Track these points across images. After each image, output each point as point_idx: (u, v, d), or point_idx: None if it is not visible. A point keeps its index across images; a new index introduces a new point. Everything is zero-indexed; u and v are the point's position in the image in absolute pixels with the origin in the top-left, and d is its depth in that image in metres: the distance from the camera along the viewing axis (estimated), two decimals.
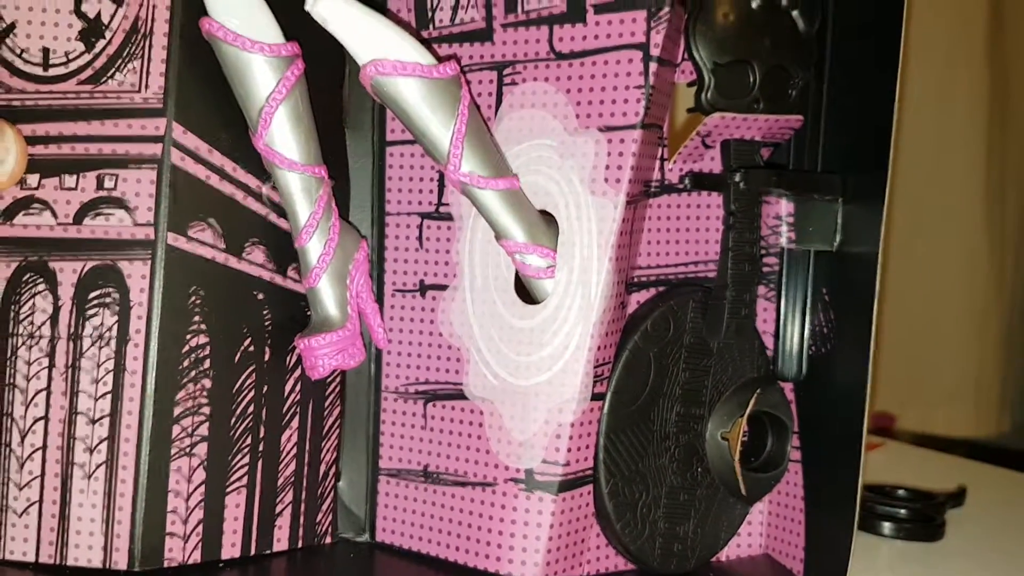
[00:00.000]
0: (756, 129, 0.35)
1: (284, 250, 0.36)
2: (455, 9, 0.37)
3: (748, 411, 0.36)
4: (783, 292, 0.38)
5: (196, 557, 0.33)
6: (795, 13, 0.35)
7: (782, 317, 0.38)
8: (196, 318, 0.33)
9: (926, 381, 0.87)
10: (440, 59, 0.33)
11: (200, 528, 0.33)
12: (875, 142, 0.35)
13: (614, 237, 0.34)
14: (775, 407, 0.37)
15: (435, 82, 0.32)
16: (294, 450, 0.36)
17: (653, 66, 0.33)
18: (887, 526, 0.44)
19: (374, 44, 0.31)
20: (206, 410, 0.33)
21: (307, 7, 0.31)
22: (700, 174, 0.36)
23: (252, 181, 0.35)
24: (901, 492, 0.47)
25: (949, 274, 0.86)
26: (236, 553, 0.34)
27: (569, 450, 0.34)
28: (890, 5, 0.34)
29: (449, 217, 0.37)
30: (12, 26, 0.32)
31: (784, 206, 0.37)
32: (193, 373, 0.33)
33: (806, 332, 0.38)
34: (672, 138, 0.36)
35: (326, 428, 0.38)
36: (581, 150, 0.34)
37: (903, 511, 0.45)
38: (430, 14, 0.37)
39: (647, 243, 0.36)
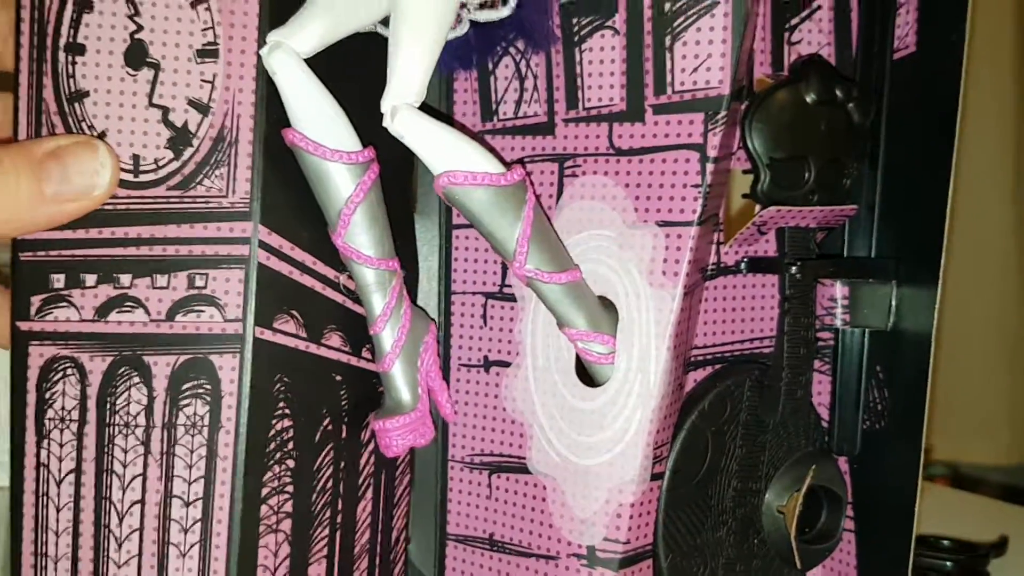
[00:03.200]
0: (811, 218, 0.36)
1: (358, 333, 0.38)
2: (518, 103, 0.38)
3: (805, 486, 0.37)
4: (838, 369, 0.39)
5: None
6: (850, 106, 0.36)
7: (837, 393, 0.39)
8: (281, 403, 0.35)
9: (959, 411, 0.88)
10: (507, 164, 0.35)
11: None
12: (929, 228, 0.36)
13: (672, 327, 0.35)
14: (830, 481, 0.39)
15: (503, 188, 0.34)
16: (368, 519, 0.38)
17: (710, 166, 0.34)
18: None
19: (447, 155, 0.33)
20: (290, 488, 0.36)
21: (385, 123, 0.33)
22: (756, 258, 0.38)
23: (330, 272, 0.37)
24: (946, 543, 0.48)
25: (981, 302, 0.86)
26: None
27: (629, 528, 0.36)
28: (945, 88, 0.35)
29: (512, 298, 0.39)
30: (103, 135, 0.34)
31: (839, 289, 0.38)
32: (279, 455, 0.35)
33: (860, 408, 0.39)
34: (728, 222, 0.37)
35: (397, 496, 0.40)
36: (640, 243, 0.35)
37: (948, 563, 0.46)
38: (494, 107, 0.39)
39: (703, 323, 0.37)
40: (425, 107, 0.34)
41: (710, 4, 0.33)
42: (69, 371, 0.35)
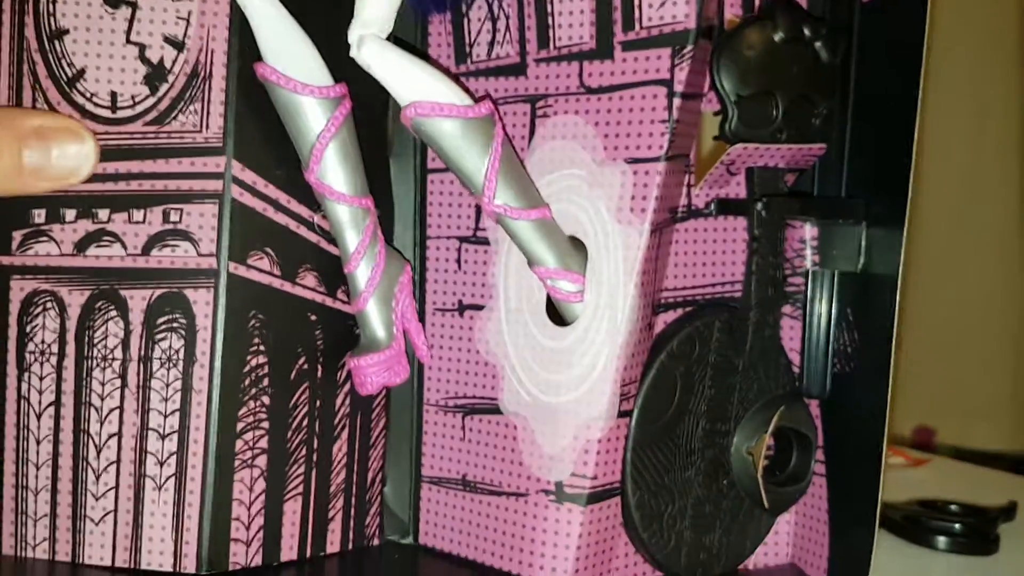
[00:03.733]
0: (780, 157, 0.37)
1: (333, 274, 0.38)
2: (491, 45, 0.39)
3: (772, 427, 0.38)
4: (808, 312, 0.39)
5: (257, 560, 0.36)
6: (818, 44, 0.36)
7: (807, 336, 0.39)
8: (256, 340, 0.36)
9: (963, 394, 0.88)
10: (475, 98, 0.35)
11: (261, 534, 0.36)
12: (896, 168, 0.36)
13: (639, 264, 0.35)
14: (800, 423, 0.39)
15: (470, 121, 0.34)
16: (344, 459, 0.39)
17: (677, 101, 0.35)
18: (942, 540, 0.45)
19: (413, 87, 0.34)
20: (265, 425, 0.36)
21: (352, 54, 0.34)
22: (726, 200, 0.38)
23: (304, 211, 0.37)
24: (954, 507, 0.48)
25: (985, 285, 0.86)
26: (293, 556, 0.37)
27: (596, 464, 0.36)
28: (911, 34, 0.35)
29: (486, 241, 0.39)
30: (82, 72, 0.35)
31: (808, 230, 0.39)
32: (253, 391, 0.36)
33: (831, 351, 0.39)
34: (699, 164, 0.38)
35: (373, 439, 0.40)
36: (608, 180, 0.36)
37: (957, 526, 0.46)
38: (467, 49, 0.39)
39: (674, 265, 0.38)
40: (398, 42, 0.35)
41: None
42: (49, 305, 0.36)
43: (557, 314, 0.38)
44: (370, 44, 0.33)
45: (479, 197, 0.35)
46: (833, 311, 0.39)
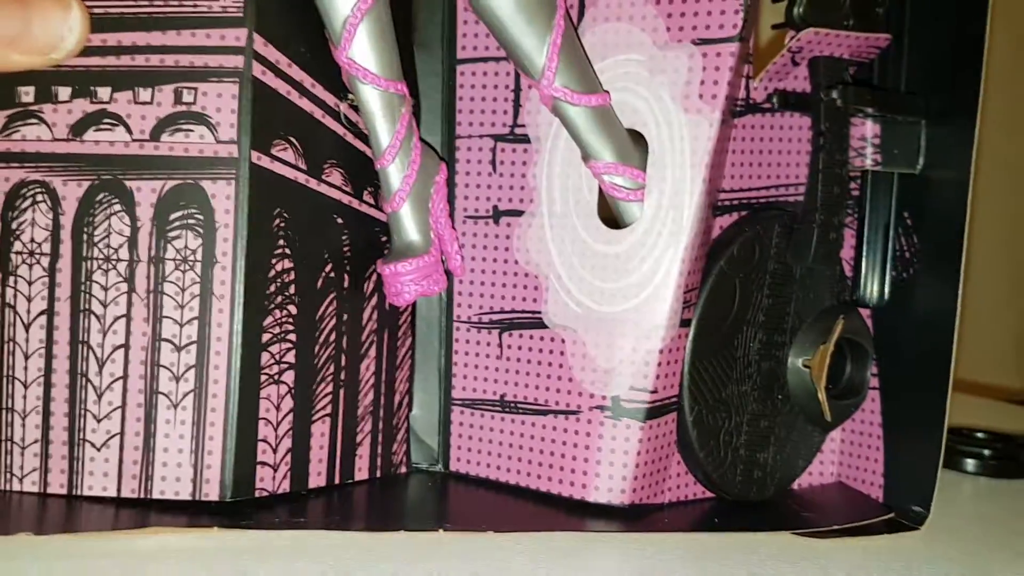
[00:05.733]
0: (846, 47, 0.34)
1: (360, 173, 0.34)
2: None
3: (835, 338, 0.36)
4: (865, 216, 0.37)
5: (285, 487, 0.32)
6: None
7: (864, 242, 0.37)
8: (281, 242, 0.32)
9: (968, 339, 0.88)
10: None
11: (289, 457, 0.32)
12: (963, 60, 0.34)
13: (708, 156, 0.33)
14: (857, 333, 0.37)
15: None
16: (372, 379, 0.35)
17: None
18: (970, 463, 0.45)
19: None
20: (292, 337, 0.32)
21: None
22: (787, 92, 0.35)
23: (330, 99, 0.33)
24: (980, 434, 0.47)
25: (991, 235, 0.86)
26: (322, 482, 0.34)
27: (657, 377, 0.33)
28: None
29: (525, 139, 0.36)
30: None
31: (870, 127, 0.37)
32: (279, 299, 0.32)
33: (888, 256, 0.37)
34: (758, 55, 0.35)
35: (399, 358, 0.37)
36: (673, 65, 0.33)
37: (986, 451, 0.45)
38: None
39: (731, 165, 0.35)
40: None
41: None
42: (39, 197, 0.31)
43: (609, 218, 0.35)
44: None
45: (536, 80, 0.32)
46: (892, 216, 0.37)
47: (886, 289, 0.37)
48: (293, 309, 0.32)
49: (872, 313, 0.38)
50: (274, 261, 0.32)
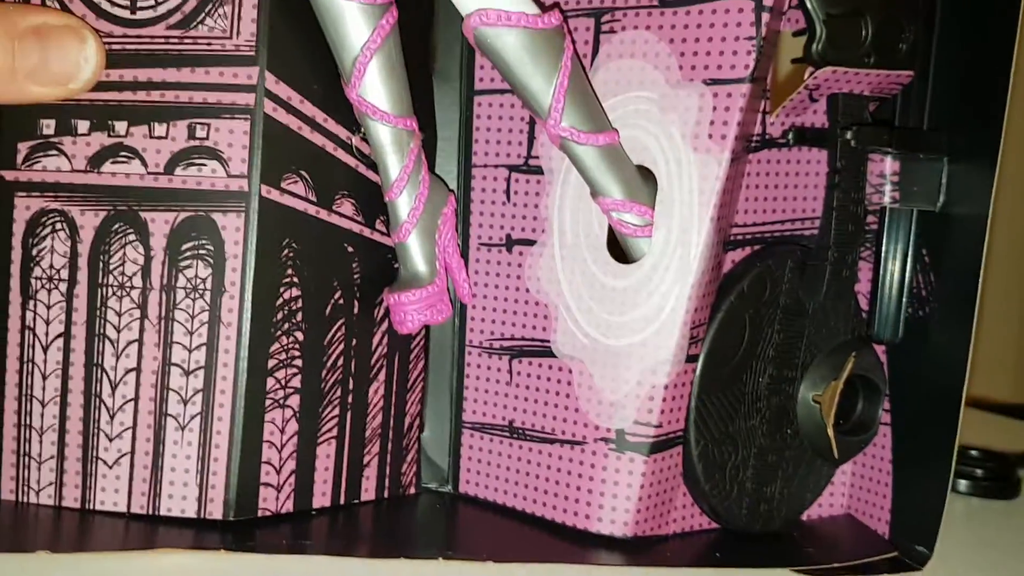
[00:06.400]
0: (866, 84, 0.34)
1: (372, 203, 0.35)
2: None
3: (845, 375, 0.35)
4: (882, 252, 0.37)
5: (288, 507, 0.33)
6: None
7: (880, 278, 0.37)
8: (289, 271, 0.33)
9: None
10: (543, 7, 0.31)
11: (292, 478, 0.33)
12: (987, 98, 0.33)
13: (716, 196, 0.32)
14: (869, 370, 0.36)
15: (539, 32, 0.31)
16: (381, 402, 0.36)
17: (765, 16, 0.31)
18: (963, 484, 0.44)
19: None
20: (299, 363, 0.33)
21: None
22: (804, 128, 0.35)
23: (342, 132, 0.34)
24: (974, 452, 0.47)
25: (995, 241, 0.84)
26: (326, 502, 0.34)
27: (662, 412, 0.33)
28: None
29: (538, 171, 0.36)
30: None
31: (889, 164, 0.36)
32: (286, 326, 0.33)
33: (904, 293, 0.36)
34: (776, 90, 0.35)
35: (411, 381, 0.37)
36: (684, 104, 0.33)
37: (979, 470, 0.45)
38: None
39: (744, 200, 0.35)
40: None
41: None
42: (58, 226, 0.32)
43: (618, 251, 0.35)
44: None
45: (544, 119, 0.32)
46: (909, 252, 0.36)
47: (900, 326, 0.37)
48: (300, 336, 0.33)
49: (886, 349, 0.37)
50: (282, 290, 0.33)
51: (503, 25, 0.30)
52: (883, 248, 0.37)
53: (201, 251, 0.32)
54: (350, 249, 0.35)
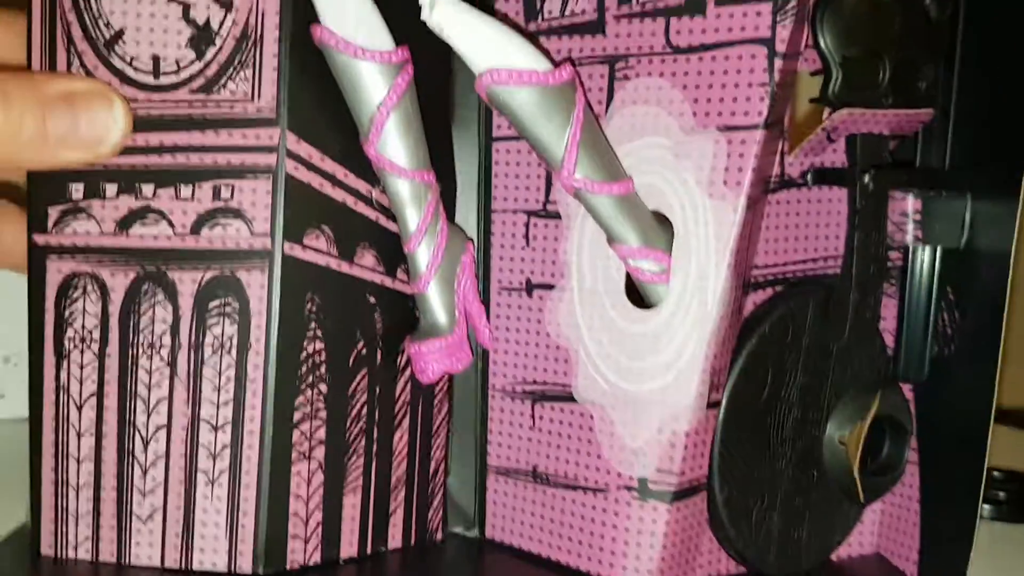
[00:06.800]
0: (884, 124, 0.34)
1: (393, 252, 0.35)
2: (565, 0, 0.35)
3: (871, 416, 0.35)
4: (906, 290, 0.36)
5: (316, 558, 0.34)
6: (927, 1, 0.33)
7: (905, 316, 0.36)
8: (312, 324, 0.33)
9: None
10: (555, 62, 0.32)
11: (320, 530, 0.34)
12: (1009, 134, 0.33)
13: (733, 242, 0.32)
14: (895, 410, 0.36)
15: (550, 88, 0.31)
16: (405, 449, 0.36)
17: (779, 62, 0.31)
18: (986, 508, 0.43)
19: (489, 52, 0.30)
20: (323, 414, 0.34)
21: (423, 16, 0.30)
22: (823, 169, 0.35)
23: (363, 186, 0.34)
24: (996, 474, 0.46)
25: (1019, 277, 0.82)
26: (354, 552, 0.35)
27: (684, 459, 0.33)
28: None
29: (556, 216, 0.36)
30: (121, 33, 0.32)
31: (911, 203, 0.36)
32: (311, 379, 0.33)
33: (929, 331, 0.36)
34: (793, 130, 0.35)
35: (435, 427, 0.38)
36: (699, 150, 0.33)
37: (1001, 493, 0.44)
38: (539, 5, 0.36)
39: (764, 241, 0.35)
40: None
41: None
42: (89, 288, 0.33)
43: (637, 295, 0.35)
44: (443, 5, 0.30)
45: (557, 171, 0.32)
46: (934, 289, 0.36)
47: (926, 365, 0.36)
48: (324, 388, 0.34)
49: (913, 387, 0.37)
50: (306, 343, 0.33)
51: (514, 84, 0.30)
52: (907, 286, 0.36)
53: (227, 308, 0.32)
54: (372, 300, 0.35)
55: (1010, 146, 0.33)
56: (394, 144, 0.32)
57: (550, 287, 0.36)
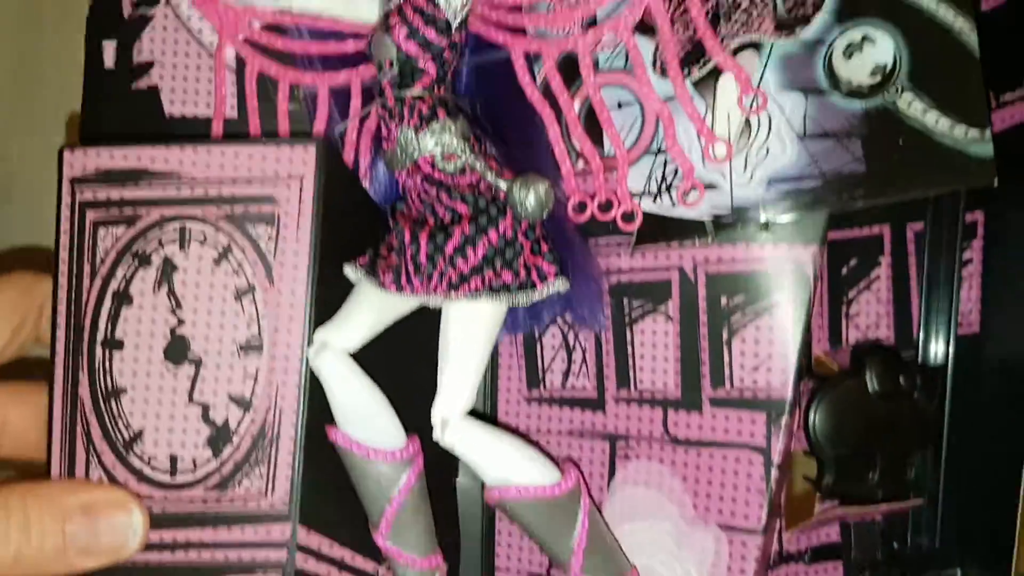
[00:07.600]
0: (875, 512, 0.35)
1: None
2: (566, 375, 0.37)
3: None
4: None
5: None
6: (916, 395, 0.35)
7: None
8: None
9: None
10: (558, 463, 0.33)
11: None
12: (998, 519, 0.34)
13: None
14: None
15: (556, 499, 0.32)
16: None
17: (775, 473, 0.33)
18: None
19: (498, 467, 0.32)
20: None
21: (435, 436, 0.32)
22: (820, 548, 0.36)
23: (370, 566, 0.35)
24: None
25: None
26: None
27: None
28: (1012, 381, 0.33)
29: None
30: (140, 434, 0.33)
31: None
32: None
33: None
34: (789, 506, 0.36)
35: None
36: (700, 544, 0.34)
37: None
38: (540, 375, 0.37)
39: None
40: None
41: (769, 305, 0.32)
42: None
43: None
44: (454, 427, 0.31)
45: (564, 570, 0.33)
46: None
47: None
48: None
49: None
50: None
51: (521, 498, 0.32)
52: None
53: None
54: None
55: (1000, 531, 0.34)
56: (404, 535, 0.33)
57: None
